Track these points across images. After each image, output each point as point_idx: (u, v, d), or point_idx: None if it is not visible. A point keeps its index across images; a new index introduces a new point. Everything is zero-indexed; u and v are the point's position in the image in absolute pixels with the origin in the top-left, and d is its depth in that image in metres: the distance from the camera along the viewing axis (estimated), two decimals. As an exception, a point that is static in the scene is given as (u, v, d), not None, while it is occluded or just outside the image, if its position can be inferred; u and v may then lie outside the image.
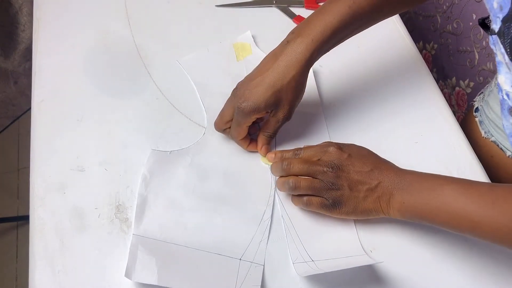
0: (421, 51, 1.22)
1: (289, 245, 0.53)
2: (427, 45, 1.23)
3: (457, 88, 1.15)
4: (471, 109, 0.73)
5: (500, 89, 0.49)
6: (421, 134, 0.63)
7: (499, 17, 0.41)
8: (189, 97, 0.64)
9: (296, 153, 0.56)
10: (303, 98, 0.58)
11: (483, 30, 0.53)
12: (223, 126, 0.58)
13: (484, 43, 0.99)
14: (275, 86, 0.54)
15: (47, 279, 0.49)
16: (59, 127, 0.60)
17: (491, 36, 0.45)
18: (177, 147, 0.59)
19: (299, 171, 0.53)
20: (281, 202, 0.56)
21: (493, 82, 0.68)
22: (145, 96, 0.64)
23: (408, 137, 0.63)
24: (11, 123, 1.61)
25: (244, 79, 0.57)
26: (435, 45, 1.19)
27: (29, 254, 0.50)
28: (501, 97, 0.50)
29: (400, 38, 0.61)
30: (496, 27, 0.42)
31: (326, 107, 0.65)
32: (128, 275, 0.47)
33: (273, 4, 0.76)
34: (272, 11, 0.76)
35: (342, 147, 0.54)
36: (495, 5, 0.41)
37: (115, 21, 0.71)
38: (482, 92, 0.72)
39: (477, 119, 0.70)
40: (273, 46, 0.71)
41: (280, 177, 0.56)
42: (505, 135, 0.65)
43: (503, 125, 0.54)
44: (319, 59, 0.56)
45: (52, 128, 0.60)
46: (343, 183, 0.51)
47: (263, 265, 0.51)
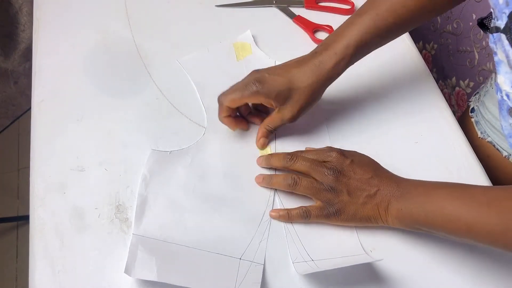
0: (421, 51, 1.22)
1: (289, 244, 0.53)
2: (427, 45, 1.23)
3: (457, 88, 1.15)
4: (467, 109, 0.73)
5: (498, 89, 0.49)
6: (421, 134, 0.63)
7: (505, 13, 0.41)
8: (189, 97, 0.64)
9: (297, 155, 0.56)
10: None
11: (482, 30, 0.53)
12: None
13: (484, 43, 0.99)
14: (293, 84, 0.54)
15: (47, 279, 0.49)
16: (59, 127, 0.60)
17: (491, 34, 0.45)
18: (177, 147, 0.59)
19: (302, 168, 0.53)
20: (281, 202, 0.56)
21: (489, 82, 0.68)
22: (145, 96, 0.64)
23: (408, 137, 0.63)
24: (11, 123, 1.61)
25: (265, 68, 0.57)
26: (435, 45, 1.19)
27: (29, 254, 0.50)
28: (499, 98, 0.50)
29: (400, 38, 0.61)
30: (501, 23, 0.42)
31: (325, 107, 0.64)
32: (127, 273, 0.47)
33: (273, 4, 0.76)
34: (272, 11, 0.76)
35: (344, 153, 0.54)
36: (501, 0, 0.41)
37: (115, 21, 0.71)
38: (477, 92, 0.72)
39: (473, 120, 0.70)
40: (273, 46, 0.71)
41: (277, 174, 0.56)
42: (502, 136, 0.65)
43: (502, 126, 0.54)
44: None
45: (52, 128, 0.60)
46: (342, 188, 0.51)
47: (263, 265, 0.51)
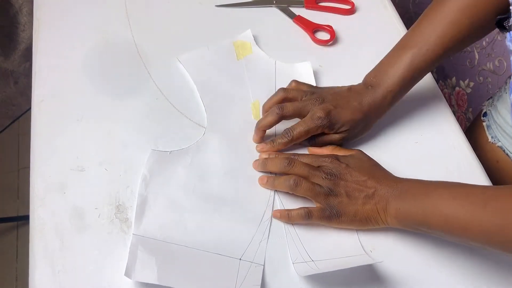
0: (421, 51, 1.21)
1: (289, 245, 0.53)
2: (427, 45, 1.23)
3: (457, 88, 1.15)
4: (478, 113, 0.73)
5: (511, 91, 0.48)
6: (421, 134, 0.63)
7: None
8: (189, 97, 0.64)
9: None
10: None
11: (499, 29, 0.52)
12: (271, 105, 0.58)
13: (484, 43, 0.99)
14: (361, 113, 0.57)
15: (47, 279, 0.49)
16: (59, 127, 0.60)
17: (508, 32, 0.44)
18: (177, 147, 0.59)
19: (300, 172, 0.54)
20: (281, 202, 0.56)
21: (503, 87, 0.68)
22: (145, 96, 0.64)
23: (408, 137, 0.63)
24: (11, 123, 1.61)
25: (328, 90, 0.59)
26: (435, 45, 1.19)
27: (29, 254, 0.50)
28: (511, 100, 0.50)
29: (399, 36, 0.61)
30: None
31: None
32: (128, 274, 0.47)
33: (273, 4, 0.76)
34: (272, 11, 0.76)
35: (339, 157, 0.54)
36: None
37: (115, 21, 0.71)
38: (491, 97, 0.72)
39: (484, 124, 0.70)
40: (273, 46, 0.71)
41: (277, 175, 0.56)
42: None
43: None
44: (321, 60, 0.56)
45: (52, 128, 0.60)
46: (341, 190, 0.52)
47: (263, 265, 0.51)
